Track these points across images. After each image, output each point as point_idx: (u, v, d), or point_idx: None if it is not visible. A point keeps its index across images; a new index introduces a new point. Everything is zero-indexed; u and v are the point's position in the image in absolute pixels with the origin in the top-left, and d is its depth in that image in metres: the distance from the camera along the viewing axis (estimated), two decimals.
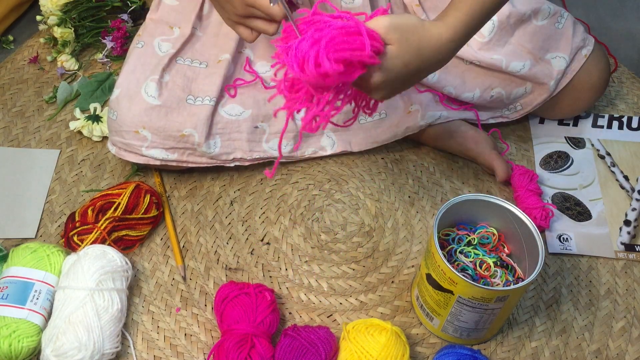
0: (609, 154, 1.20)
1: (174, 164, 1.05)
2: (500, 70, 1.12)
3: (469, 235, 0.96)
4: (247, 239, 1.05)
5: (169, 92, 1.02)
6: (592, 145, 1.22)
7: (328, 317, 0.97)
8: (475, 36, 1.08)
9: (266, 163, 1.12)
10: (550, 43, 1.12)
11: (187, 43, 1.08)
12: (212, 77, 1.05)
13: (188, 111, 1.02)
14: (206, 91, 1.04)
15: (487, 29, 1.09)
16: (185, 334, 0.94)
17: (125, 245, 1.00)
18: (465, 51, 1.10)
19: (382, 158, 1.17)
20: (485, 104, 1.16)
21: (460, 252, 0.96)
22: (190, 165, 1.06)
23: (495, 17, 1.08)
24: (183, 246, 1.03)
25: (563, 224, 1.09)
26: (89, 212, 0.98)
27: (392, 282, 1.01)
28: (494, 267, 0.94)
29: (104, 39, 1.29)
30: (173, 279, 0.99)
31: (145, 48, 1.06)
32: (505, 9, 1.09)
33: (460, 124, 1.16)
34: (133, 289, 0.97)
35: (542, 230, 1.07)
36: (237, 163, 1.08)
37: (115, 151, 1.05)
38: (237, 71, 1.10)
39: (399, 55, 0.74)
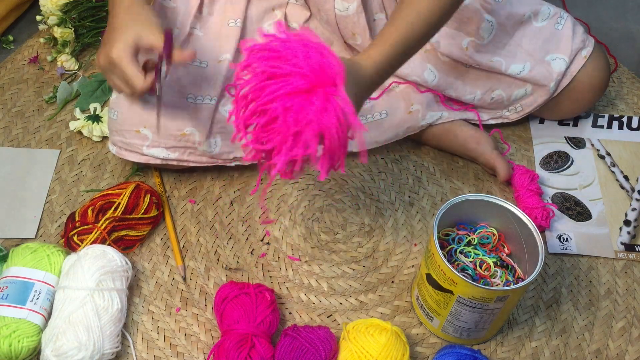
0: (609, 154, 1.20)
1: (175, 163, 1.05)
2: (500, 73, 1.12)
3: (469, 235, 0.96)
4: (247, 239, 1.05)
5: (169, 91, 1.02)
6: (592, 145, 1.22)
7: (328, 317, 0.97)
8: (474, 38, 1.09)
9: None
10: (549, 45, 1.12)
11: (187, 43, 1.08)
12: (213, 76, 1.05)
13: (189, 110, 1.02)
14: (207, 90, 1.04)
15: (486, 31, 1.09)
16: (185, 334, 0.94)
17: (125, 245, 1.00)
18: (464, 55, 1.10)
19: (382, 158, 1.17)
20: (485, 105, 1.16)
21: (460, 252, 0.96)
22: (191, 164, 1.06)
23: (493, 19, 1.08)
24: (183, 246, 1.03)
25: (563, 224, 1.09)
26: (89, 212, 0.98)
27: (392, 282, 1.01)
28: (494, 267, 0.94)
29: None
30: (173, 279, 0.99)
31: None
32: (503, 10, 1.09)
33: (461, 124, 1.16)
34: (133, 289, 0.97)
35: (542, 230, 1.07)
36: (238, 162, 1.08)
37: (116, 151, 1.05)
38: None
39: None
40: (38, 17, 1.30)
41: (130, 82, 0.88)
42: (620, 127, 1.25)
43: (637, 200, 1.13)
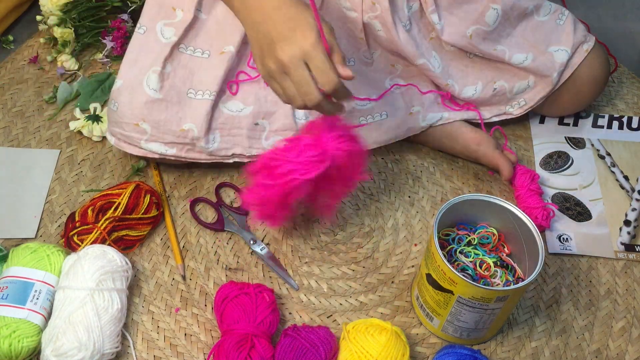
0: (609, 154, 1.20)
1: (173, 158, 1.05)
2: (503, 62, 1.12)
3: (469, 235, 0.96)
4: None
5: (170, 85, 1.01)
6: (592, 145, 1.22)
7: (328, 317, 0.97)
8: (479, 26, 1.08)
9: None
10: (551, 37, 1.13)
11: (191, 29, 1.04)
12: (213, 69, 1.03)
13: (188, 106, 1.01)
14: (207, 84, 1.03)
15: (491, 18, 1.08)
16: (185, 334, 0.94)
17: (125, 245, 1.00)
18: (468, 43, 1.09)
19: (382, 158, 1.17)
20: (487, 98, 1.16)
21: (460, 252, 0.96)
22: (189, 160, 1.06)
23: (499, 7, 1.08)
24: (183, 246, 1.03)
25: (563, 224, 1.09)
26: (89, 212, 0.98)
27: (392, 282, 1.01)
28: (494, 267, 0.94)
29: (104, 39, 1.29)
30: (173, 279, 0.99)
31: (148, 34, 1.04)
32: (508, 0, 1.09)
33: (461, 125, 1.16)
34: (133, 289, 0.97)
35: (542, 230, 1.07)
36: (236, 159, 1.07)
37: (115, 142, 1.04)
38: (241, 64, 1.08)
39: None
40: (38, 17, 1.30)
41: (328, 73, 0.80)
42: (620, 127, 1.25)
43: (637, 200, 1.13)
